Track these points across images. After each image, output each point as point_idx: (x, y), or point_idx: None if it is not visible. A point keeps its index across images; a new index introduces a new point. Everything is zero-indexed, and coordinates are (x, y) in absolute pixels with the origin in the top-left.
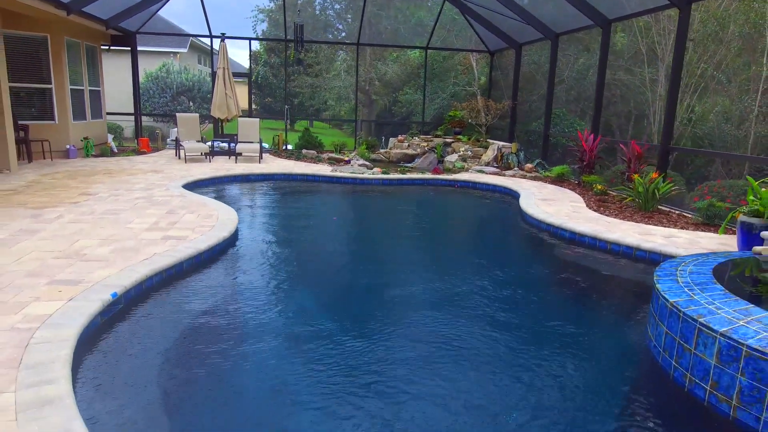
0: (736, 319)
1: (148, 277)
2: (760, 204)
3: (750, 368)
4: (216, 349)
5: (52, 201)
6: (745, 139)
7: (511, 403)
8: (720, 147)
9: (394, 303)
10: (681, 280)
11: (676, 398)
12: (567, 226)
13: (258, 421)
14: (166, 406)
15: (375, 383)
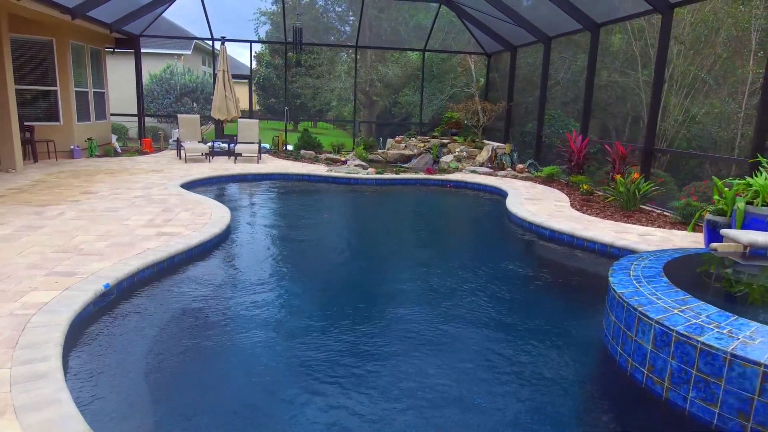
0: (672, 308)
1: (140, 270)
2: (723, 203)
3: (679, 352)
4: (195, 333)
5: (55, 199)
6: (733, 140)
7: (478, 379)
8: (708, 148)
9: (375, 293)
10: (632, 274)
11: (619, 382)
12: (547, 224)
13: (224, 391)
14: (143, 380)
15: (356, 367)
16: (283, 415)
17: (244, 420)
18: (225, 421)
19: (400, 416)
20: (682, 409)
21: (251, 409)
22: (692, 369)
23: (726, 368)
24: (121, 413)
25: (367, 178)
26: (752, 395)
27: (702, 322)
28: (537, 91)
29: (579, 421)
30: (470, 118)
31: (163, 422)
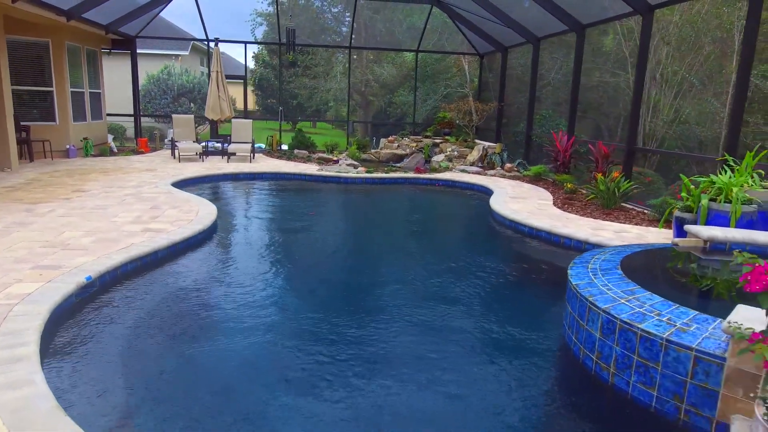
0: (620, 297)
1: (123, 264)
2: (691, 200)
3: (622, 339)
4: (171, 323)
5: (47, 197)
6: (717, 140)
7: (448, 354)
8: (694, 148)
9: (353, 285)
10: (591, 267)
11: (572, 369)
12: (526, 221)
13: (193, 374)
14: (116, 364)
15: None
16: (249, 396)
17: (216, 398)
18: (196, 402)
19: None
20: (625, 393)
21: (219, 390)
22: (634, 355)
23: (662, 353)
24: (91, 393)
25: (357, 177)
26: (685, 378)
27: (645, 311)
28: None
29: (529, 404)
30: (462, 118)
31: (129, 401)
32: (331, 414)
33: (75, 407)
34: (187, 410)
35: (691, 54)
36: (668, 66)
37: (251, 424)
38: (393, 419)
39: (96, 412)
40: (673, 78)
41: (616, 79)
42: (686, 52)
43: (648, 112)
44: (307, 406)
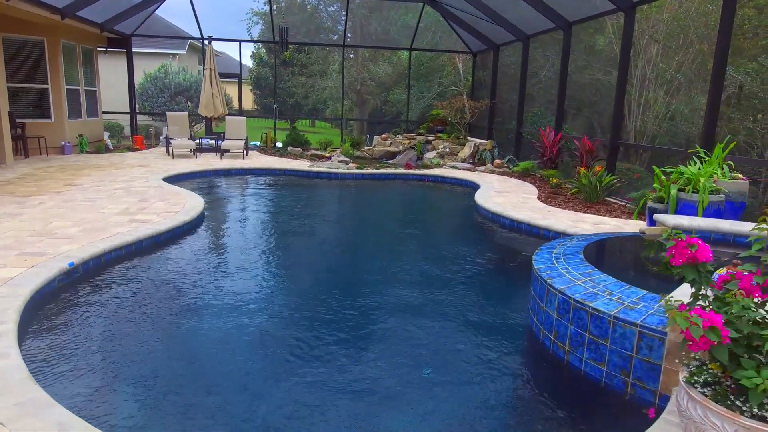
0: (576, 279)
1: (106, 252)
2: (663, 191)
3: (576, 318)
4: (147, 306)
5: (38, 191)
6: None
7: (424, 335)
8: (681, 144)
9: (332, 272)
10: (555, 252)
11: (532, 349)
12: (507, 214)
13: (163, 351)
14: (88, 341)
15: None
16: (210, 361)
17: (177, 373)
18: (152, 374)
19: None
20: (578, 370)
21: (182, 364)
22: (586, 332)
23: (611, 330)
24: (62, 366)
25: (347, 172)
26: (631, 353)
27: (598, 291)
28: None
29: (487, 379)
30: (454, 116)
31: (96, 373)
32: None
33: (46, 378)
34: (144, 379)
35: (680, 52)
36: (658, 64)
37: (211, 393)
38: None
39: (64, 381)
40: (663, 76)
41: (608, 77)
42: (676, 50)
43: (638, 109)
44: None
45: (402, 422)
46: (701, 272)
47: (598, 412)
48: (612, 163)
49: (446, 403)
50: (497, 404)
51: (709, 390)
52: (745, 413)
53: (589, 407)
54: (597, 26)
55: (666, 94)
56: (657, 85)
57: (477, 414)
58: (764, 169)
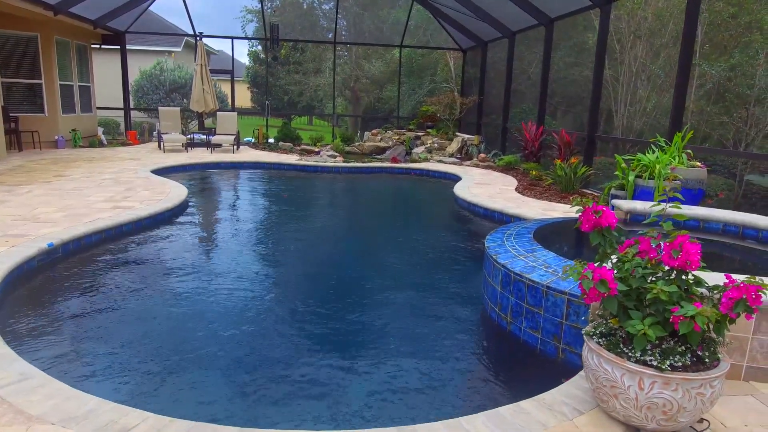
0: (519, 255)
1: (87, 235)
2: (624, 178)
3: (515, 289)
4: (122, 283)
5: (28, 180)
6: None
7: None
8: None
9: (305, 259)
10: (508, 233)
11: (481, 321)
12: (482, 203)
13: (132, 324)
14: (60, 314)
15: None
16: (174, 333)
17: (137, 330)
18: (112, 340)
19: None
20: (518, 338)
21: (143, 326)
22: (524, 303)
23: (544, 299)
24: (33, 332)
25: (334, 166)
26: (561, 320)
27: (537, 265)
28: (510, 86)
29: (436, 348)
30: (443, 112)
31: (65, 341)
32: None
33: (17, 342)
34: (102, 342)
35: (666, 48)
36: (644, 60)
37: (165, 358)
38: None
39: (34, 346)
40: (646, 72)
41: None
42: (659, 47)
43: (622, 105)
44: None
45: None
46: (606, 236)
47: (531, 375)
48: (589, 156)
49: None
50: (439, 368)
51: (604, 340)
52: (631, 359)
53: (523, 371)
54: (586, 23)
55: (651, 90)
56: (643, 81)
57: (421, 376)
58: (741, 161)
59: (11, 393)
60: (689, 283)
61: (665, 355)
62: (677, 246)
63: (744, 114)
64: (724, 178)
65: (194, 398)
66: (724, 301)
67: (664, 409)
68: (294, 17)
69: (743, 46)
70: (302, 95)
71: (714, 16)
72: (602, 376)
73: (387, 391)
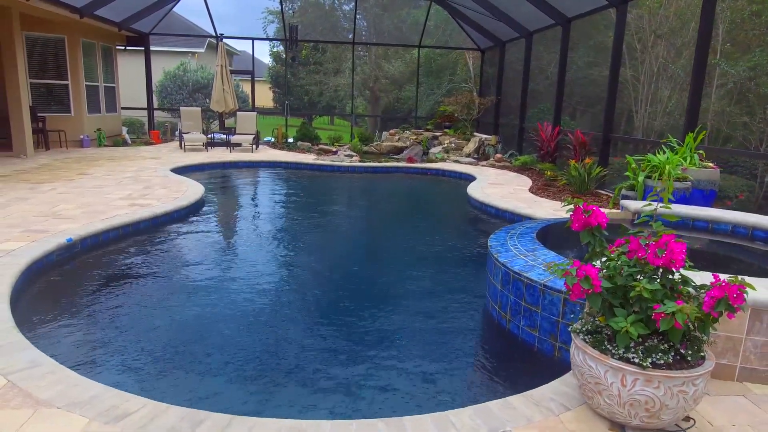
0: (520, 254)
1: (105, 231)
2: (633, 179)
3: (514, 288)
4: (134, 279)
5: (51, 178)
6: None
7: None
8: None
9: (314, 255)
10: (512, 233)
11: (483, 320)
12: (493, 203)
13: (139, 314)
14: (74, 305)
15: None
16: (183, 329)
17: (139, 338)
18: (114, 330)
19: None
20: (516, 336)
21: (145, 329)
22: (522, 301)
23: (541, 297)
24: (44, 320)
25: (350, 165)
26: (558, 318)
27: (535, 264)
28: (528, 86)
29: (436, 344)
30: (460, 111)
31: (74, 330)
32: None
33: (32, 332)
34: (113, 335)
35: (688, 47)
36: (665, 60)
37: (166, 345)
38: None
39: (47, 335)
40: (665, 71)
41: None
42: (681, 46)
43: (643, 105)
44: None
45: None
46: (596, 235)
47: (527, 372)
48: (605, 156)
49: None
50: (435, 365)
51: (590, 338)
52: (614, 356)
53: (520, 368)
54: (606, 22)
55: (673, 90)
56: (664, 80)
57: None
58: (762, 163)
59: (22, 378)
60: (675, 282)
61: (648, 352)
62: (662, 245)
63: (765, 114)
64: (745, 179)
65: (205, 391)
66: (706, 300)
67: (646, 406)
68: (315, 18)
69: (766, 45)
70: (322, 95)
71: (735, 14)
72: (587, 373)
73: (378, 388)
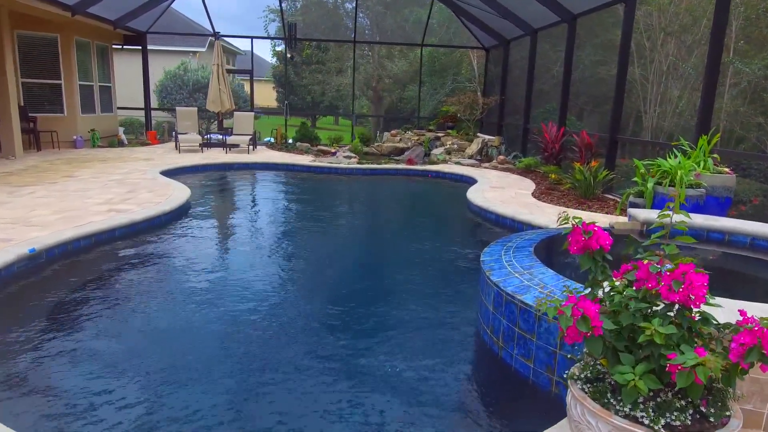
0: (515, 272)
1: (74, 240)
2: (642, 185)
3: (507, 311)
4: (99, 290)
5: (35, 181)
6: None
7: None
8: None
9: (299, 264)
10: (507, 246)
11: (474, 344)
12: (492, 208)
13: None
14: (34, 322)
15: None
16: (155, 346)
17: (95, 349)
18: (64, 337)
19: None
20: (509, 365)
21: (105, 336)
22: (516, 327)
23: (536, 324)
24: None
25: (347, 167)
26: (555, 349)
27: (532, 284)
28: (533, 86)
29: (419, 371)
30: (463, 112)
31: (30, 338)
32: None
33: None
34: (70, 348)
35: (699, 45)
36: (675, 58)
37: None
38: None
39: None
40: (675, 70)
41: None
42: (691, 45)
43: (652, 105)
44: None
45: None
46: (597, 260)
47: (520, 409)
48: (612, 159)
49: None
50: (415, 396)
51: (590, 387)
52: (619, 413)
53: (512, 404)
54: (614, 20)
55: (683, 90)
56: (674, 80)
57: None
58: None
59: None
60: (693, 323)
61: (660, 410)
62: (679, 276)
63: None
64: (759, 183)
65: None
66: (734, 347)
67: None
68: (317, 17)
69: None
70: (324, 95)
71: (750, 10)
72: (586, 430)
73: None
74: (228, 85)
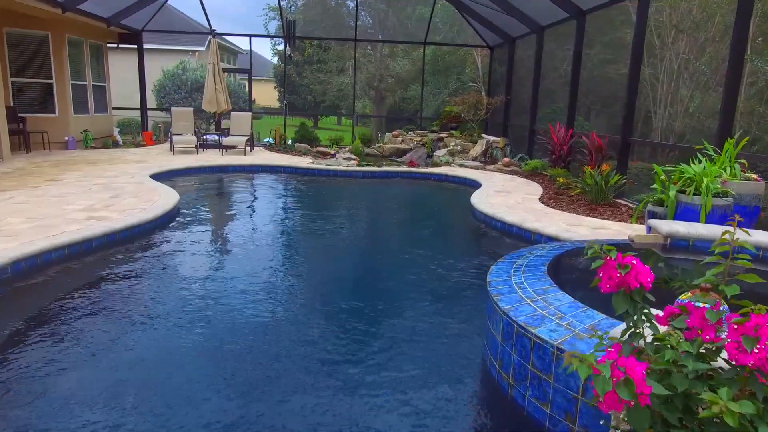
0: (527, 298)
1: (45, 251)
2: (662, 193)
3: (519, 345)
4: (73, 312)
5: (17, 185)
6: (732, 133)
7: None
8: (711, 141)
9: (288, 271)
10: (517, 263)
11: (479, 377)
12: (498, 215)
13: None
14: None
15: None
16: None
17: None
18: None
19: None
20: (521, 407)
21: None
22: (528, 364)
23: (554, 363)
24: None
25: (346, 170)
26: (577, 395)
27: (547, 313)
28: (539, 86)
29: (412, 412)
30: (467, 112)
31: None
32: None
33: None
34: (34, 368)
35: (712, 43)
36: (687, 56)
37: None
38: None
39: None
40: (686, 69)
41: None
42: (705, 42)
43: (662, 105)
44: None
45: None
46: (636, 302)
47: None
48: (624, 162)
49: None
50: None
51: None
52: None
53: None
54: (623, 17)
55: (695, 89)
56: (685, 79)
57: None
58: None
59: None
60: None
61: None
62: (751, 331)
63: None
64: None
65: None
66: None
67: None
68: (318, 15)
69: None
70: (326, 95)
71: (767, 6)
72: None
73: None
74: (225, 84)
